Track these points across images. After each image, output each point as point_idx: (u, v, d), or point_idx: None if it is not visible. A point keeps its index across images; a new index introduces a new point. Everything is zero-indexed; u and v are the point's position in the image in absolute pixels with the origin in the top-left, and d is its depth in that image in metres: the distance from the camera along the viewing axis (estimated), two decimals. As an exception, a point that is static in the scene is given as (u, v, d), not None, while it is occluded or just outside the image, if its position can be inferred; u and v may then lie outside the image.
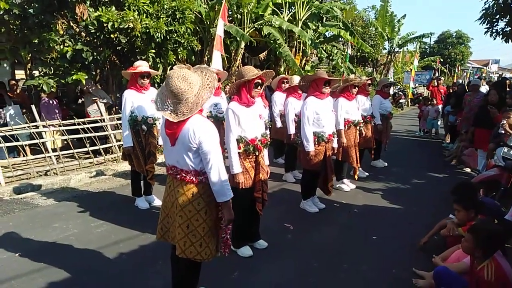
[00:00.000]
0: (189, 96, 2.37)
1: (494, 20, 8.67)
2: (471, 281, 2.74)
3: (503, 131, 5.18)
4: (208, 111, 5.68)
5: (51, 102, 7.56)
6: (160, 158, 6.26)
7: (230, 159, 3.47)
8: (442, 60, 29.55)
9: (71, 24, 7.04)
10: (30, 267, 3.40)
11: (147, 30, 6.76)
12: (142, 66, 4.70)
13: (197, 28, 10.35)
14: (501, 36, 8.82)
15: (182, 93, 2.35)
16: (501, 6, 8.17)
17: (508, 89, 7.57)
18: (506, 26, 8.66)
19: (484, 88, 10.48)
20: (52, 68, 6.78)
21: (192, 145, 2.39)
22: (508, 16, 8.38)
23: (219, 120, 5.62)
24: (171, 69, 7.61)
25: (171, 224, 2.62)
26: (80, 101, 8.36)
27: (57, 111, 7.58)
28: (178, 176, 2.52)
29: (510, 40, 8.90)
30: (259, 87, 3.54)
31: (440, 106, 11.95)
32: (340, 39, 15.47)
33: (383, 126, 7.06)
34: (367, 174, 6.70)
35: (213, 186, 2.45)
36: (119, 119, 7.23)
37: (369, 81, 6.73)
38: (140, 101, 4.64)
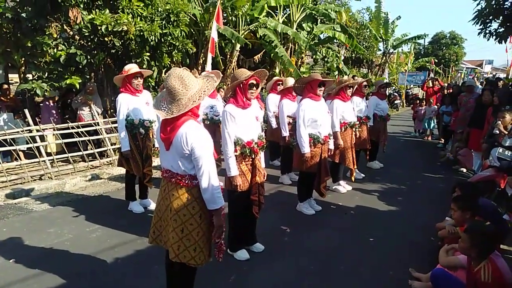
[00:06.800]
0: (181, 98, 2.36)
1: (487, 21, 8.70)
2: (469, 283, 2.73)
3: (497, 132, 5.19)
4: (204, 114, 5.67)
5: (52, 105, 7.52)
6: (156, 161, 6.23)
7: (226, 162, 3.45)
8: (436, 60, 29.71)
9: (65, 27, 6.99)
10: (24, 273, 3.36)
11: (141, 33, 6.74)
12: (132, 68, 4.65)
13: (192, 30, 10.35)
14: (494, 37, 8.86)
15: (176, 93, 2.35)
16: (494, 7, 8.21)
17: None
18: (499, 27, 8.71)
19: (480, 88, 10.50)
20: (45, 72, 6.74)
21: (185, 151, 2.37)
22: (501, 17, 8.42)
23: (215, 123, 5.61)
24: (166, 72, 7.58)
25: (163, 228, 2.60)
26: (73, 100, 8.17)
27: (55, 115, 7.54)
28: (173, 180, 2.49)
29: (503, 41, 8.94)
30: (254, 88, 3.52)
31: (436, 107, 11.97)
32: (335, 40, 15.51)
33: (381, 127, 7.07)
34: (363, 175, 6.70)
35: (204, 193, 2.42)
36: (113, 122, 7.19)
37: (365, 83, 6.72)
38: (135, 104, 4.61)
